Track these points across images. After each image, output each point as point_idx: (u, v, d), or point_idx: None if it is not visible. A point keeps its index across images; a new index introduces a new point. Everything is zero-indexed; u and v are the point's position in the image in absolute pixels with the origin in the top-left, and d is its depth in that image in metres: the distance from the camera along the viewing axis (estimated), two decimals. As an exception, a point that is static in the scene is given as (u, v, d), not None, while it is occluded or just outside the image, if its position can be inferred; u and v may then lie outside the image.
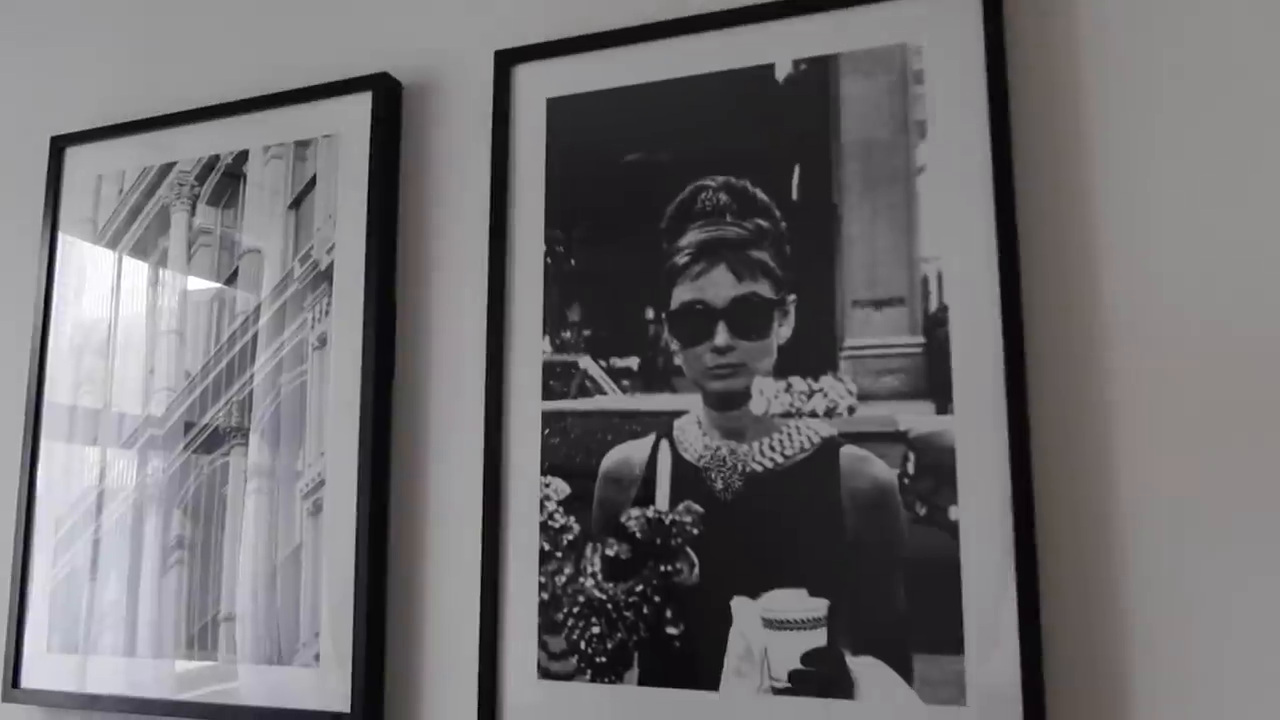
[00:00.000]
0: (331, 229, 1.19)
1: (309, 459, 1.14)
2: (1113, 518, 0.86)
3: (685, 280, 1.01)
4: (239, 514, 1.18)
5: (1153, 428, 0.86)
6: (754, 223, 0.99)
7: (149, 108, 1.37)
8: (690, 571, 0.97)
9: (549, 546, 1.02)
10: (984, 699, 0.85)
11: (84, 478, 1.29)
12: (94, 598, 1.25)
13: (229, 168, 1.27)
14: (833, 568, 0.91)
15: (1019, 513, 0.86)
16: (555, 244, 1.08)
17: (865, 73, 0.98)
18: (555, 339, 1.06)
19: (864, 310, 0.94)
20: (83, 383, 1.32)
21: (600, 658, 0.99)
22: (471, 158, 1.15)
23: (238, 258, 1.25)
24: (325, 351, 1.16)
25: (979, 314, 0.90)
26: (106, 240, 1.34)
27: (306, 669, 1.10)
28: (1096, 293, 0.89)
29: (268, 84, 1.28)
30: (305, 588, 1.12)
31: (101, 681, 1.21)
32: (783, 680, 0.92)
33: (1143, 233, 0.89)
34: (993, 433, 0.88)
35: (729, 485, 0.96)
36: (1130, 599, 0.85)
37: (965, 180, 0.92)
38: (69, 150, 1.39)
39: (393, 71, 1.21)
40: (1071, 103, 0.93)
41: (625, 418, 1.01)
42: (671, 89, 1.05)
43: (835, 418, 0.94)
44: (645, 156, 1.05)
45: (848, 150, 0.97)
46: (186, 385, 1.24)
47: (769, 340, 0.97)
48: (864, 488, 0.92)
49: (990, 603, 0.86)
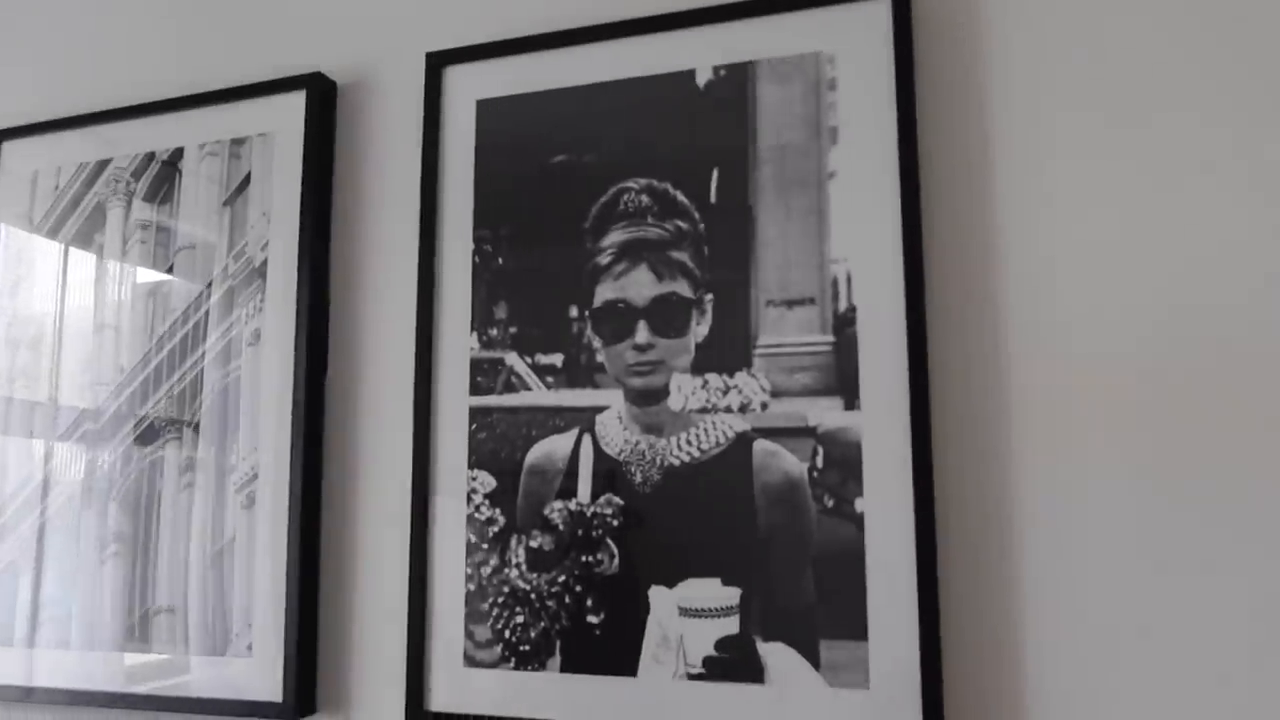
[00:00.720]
0: (266, 226, 1.20)
1: (243, 453, 1.16)
2: (1009, 511, 0.90)
3: (608, 279, 1.04)
4: (175, 507, 1.19)
5: (1048, 425, 0.90)
6: (674, 224, 1.02)
7: (86, 103, 1.37)
8: (610, 562, 1.00)
9: (475, 538, 1.05)
10: (885, 682, 0.89)
11: (20, 471, 1.30)
12: (32, 591, 1.26)
13: (165, 164, 1.28)
14: (745, 558, 0.95)
15: (920, 505, 0.90)
16: (483, 243, 1.10)
17: (781, 79, 1.01)
18: (483, 336, 1.08)
19: (777, 310, 0.98)
20: (18, 376, 1.32)
21: (524, 646, 1.02)
22: (403, 157, 1.17)
23: (174, 253, 1.26)
24: (259, 347, 1.18)
25: (885, 314, 0.94)
26: (43, 235, 1.35)
27: (240, 659, 1.12)
28: (997, 294, 0.93)
29: (204, 82, 1.29)
30: (239, 580, 1.14)
31: (39, 674, 1.22)
32: (697, 666, 0.95)
33: (1041, 236, 0.93)
34: (897, 428, 0.92)
35: (648, 479, 0.99)
36: (1024, 588, 0.89)
37: (874, 185, 0.96)
38: (5, 144, 1.39)
39: (327, 71, 1.23)
40: (976, 111, 0.96)
41: (549, 413, 1.04)
42: (597, 93, 1.08)
43: (749, 413, 0.97)
44: (571, 158, 1.08)
45: (764, 155, 1.00)
46: (123, 379, 1.26)
47: (687, 338, 1.00)
48: (775, 481, 0.95)
49: (892, 591, 0.90)
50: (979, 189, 0.95)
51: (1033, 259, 0.93)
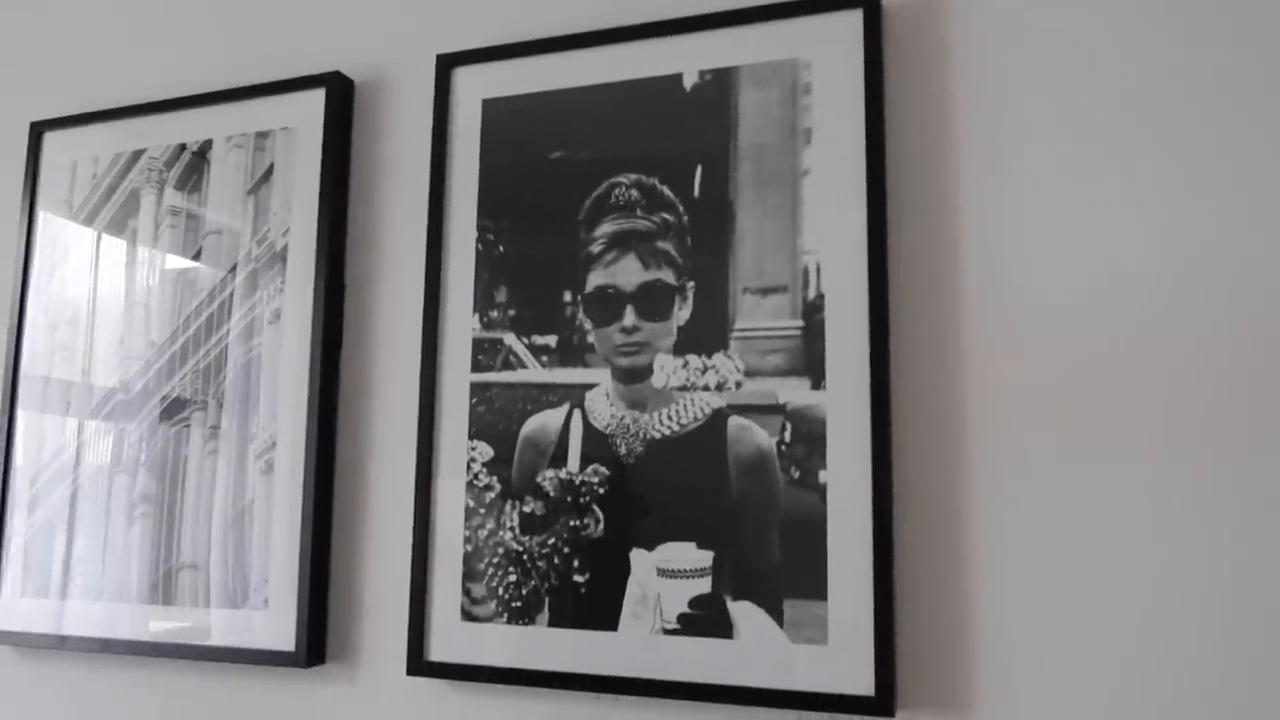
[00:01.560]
0: (287, 213, 1.30)
1: (262, 423, 1.26)
2: (961, 483, 0.98)
3: (599, 267, 1.12)
4: (199, 472, 1.29)
5: (1000, 405, 0.98)
6: (660, 216, 1.11)
7: (122, 97, 1.47)
8: (596, 526, 1.08)
9: (473, 503, 1.14)
10: (843, 638, 0.97)
11: (56, 441, 1.40)
12: (66, 548, 1.36)
13: (195, 155, 1.38)
14: (718, 524, 1.03)
15: (877, 477, 0.98)
16: (486, 232, 1.19)
17: (761, 84, 1.09)
18: (484, 317, 1.17)
19: (753, 296, 1.06)
20: (57, 352, 1.43)
21: (516, 603, 1.10)
22: (414, 151, 1.26)
23: (202, 238, 1.35)
24: (279, 325, 1.27)
25: (851, 301, 1.02)
26: (81, 221, 1.45)
27: (258, 612, 1.22)
28: (956, 284, 1.01)
29: (232, 78, 1.39)
30: (257, 539, 1.24)
31: (71, 624, 1.33)
32: (673, 622, 1.04)
33: (999, 231, 1.01)
34: (859, 406, 1.00)
35: (631, 450, 1.08)
36: (974, 554, 0.97)
37: (844, 182, 1.04)
38: (47, 135, 1.49)
39: (345, 71, 1.32)
40: (941, 115, 1.04)
41: (543, 389, 1.13)
42: (593, 94, 1.16)
43: (725, 391, 1.05)
44: (567, 154, 1.16)
45: (743, 153, 1.09)
46: (153, 354, 1.35)
47: (670, 322, 1.09)
48: (747, 453, 1.04)
49: (850, 556, 0.98)
50: (942, 187, 1.03)
51: (991, 251, 1.01)
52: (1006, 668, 0.95)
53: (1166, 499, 0.92)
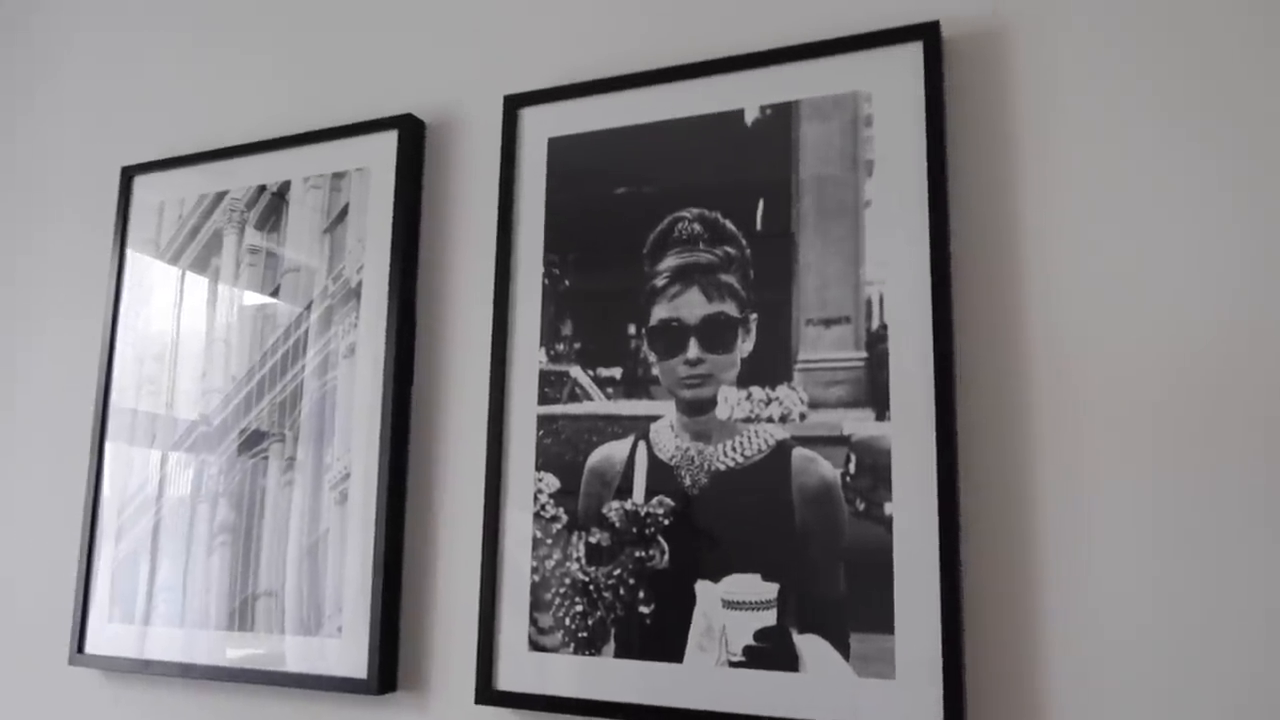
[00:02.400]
0: (361, 251, 1.34)
1: (337, 454, 1.30)
2: (1030, 514, 0.97)
3: (663, 300, 1.14)
4: (276, 503, 1.33)
5: (1068, 435, 0.97)
6: (723, 250, 1.12)
7: (206, 141, 1.54)
8: (661, 557, 1.09)
9: (540, 534, 1.16)
10: (910, 673, 0.96)
11: (142, 473, 1.46)
12: (150, 576, 1.41)
13: (274, 195, 1.44)
14: (783, 556, 1.03)
15: (944, 509, 0.97)
16: (552, 266, 1.21)
17: (822, 117, 1.10)
18: (550, 350, 1.20)
19: (815, 328, 1.06)
20: (143, 385, 1.49)
21: (582, 633, 1.11)
22: (483, 189, 1.30)
23: (280, 276, 1.41)
24: (353, 359, 1.31)
25: (915, 332, 1.02)
26: (167, 260, 1.52)
27: (331, 640, 1.25)
28: (1020, 313, 1.00)
29: (309, 122, 1.45)
30: (331, 568, 1.27)
31: (154, 649, 1.37)
32: (738, 654, 1.04)
33: (1063, 259, 1.00)
34: (924, 438, 0.99)
35: (696, 481, 1.09)
36: (1043, 587, 0.95)
37: (905, 213, 1.04)
38: (137, 178, 1.57)
39: (416, 112, 1.36)
40: (1002, 144, 1.04)
41: (608, 421, 1.15)
42: (656, 130, 1.19)
43: (788, 423, 1.06)
44: (631, 190, 1.18)
45: (805, 186, 1.09)
46: (233, 388, 1.41)
47: (734, 354, 1.09)
48: (811, 485, 1.04)
49: (918, 589, 0.97)
50: (1004, 216, 1.03)
51: (1055, 280, 1.00)
52: (1079, 705, 0.92)
53: (1248, 524, 0.89)
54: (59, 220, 1.68)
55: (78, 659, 1.43)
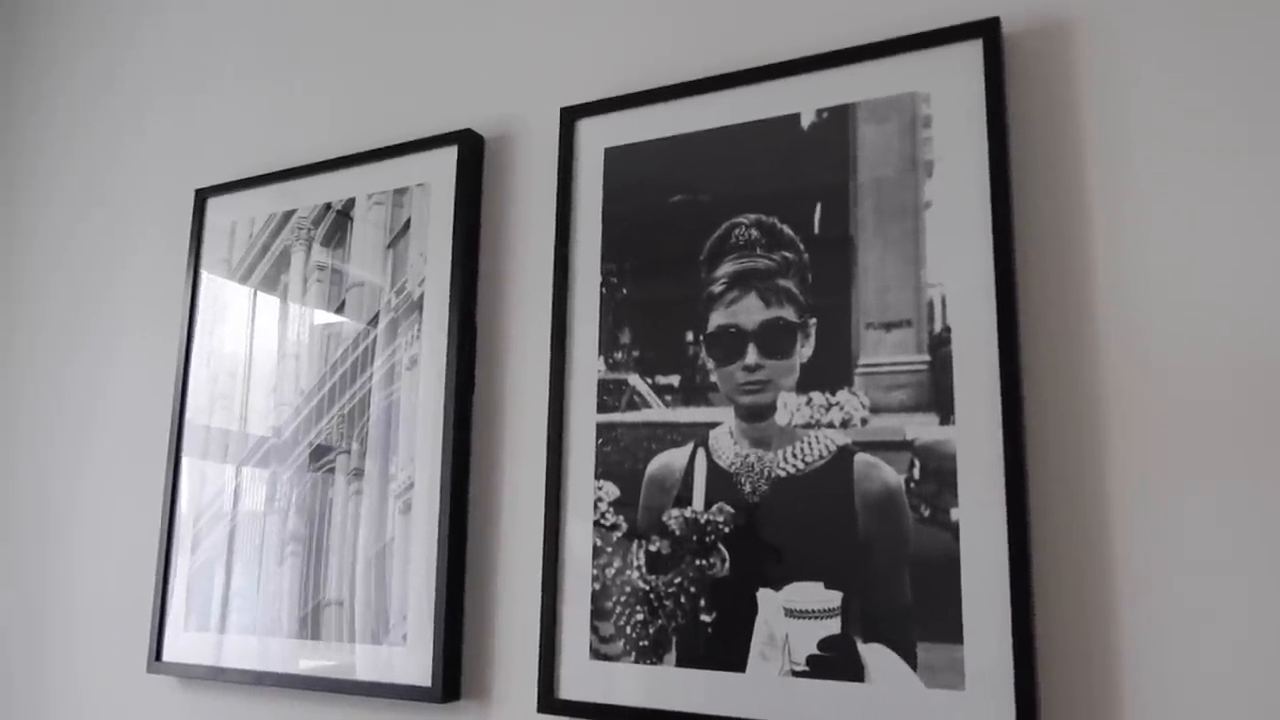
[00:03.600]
0: (423, 265, 1.36)
1: (401, 464, 1.31)
2: (1102, 520, 0.94)
3: (720, 306, 1.13)
4: (343, 513, 1.36)
5: (1141, 438, 0.94)
6: (780, 255, 1.11)
7: (275, 162, 1.59)
8: (722, 565, 1.08)
9: (600, 542, 1.16)
10: (981, 685, 0.94)
11: (215, 484, 1.50)
12: (224, 586, 1.45)
13: (339, 213, 1.47)
14: (846, 563, 1.01)
15: (1013, 515, 0.94)
16: (610, 275, 1.22)
17: (879, 119, 1.09)
18: (609, 359, 1.20)
19: (876, 332, 1.05)
20: (217, 401, 1.53)
21: (643, 641, 1.11)
22: (541, 200, 1.31)
23: (345, 290, 1.44)
24: (416, 371, 1.33)
25: (979, 334, 0.99)
26: (239, 278, 1.56)
27: (397, 648, 1.26)
28: (1088, 314, 0.98)
29: (371, 140, 1.48)
30: (396, 577, 1.28)
31: (227, 657, 1.41)
32: (801, 664, 1.02)
33: (1131, 258, 0.97)
34: (990, 442, 0.97)
35: (756, 488, 1.08)
36: (1118, 594, 0.92)
37: (967, 214, 1.02)
38: (210, 200, 1.62)
39: (475, 127, 1.38)
40: (1066, 142, 1.01)
41: (667, 428, 1.14)
42: (711, 137, 1.18)
43: (850, 428, 1.04)
44: (688, 197, 1.18)
45: (863, 188, 1.08)
46: (301, 401, 1.44)
47: (793, 359, 1.08)
48: (875, 491, 1.02)
49: (987, 597, 0.95)
50: (1069, 214, 1.00)
51: (1123, 279, 0.97)
52: (1160, 715, 0.89)
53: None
54: (137, 241, 1.74)
55: (155, 666, 1.47)
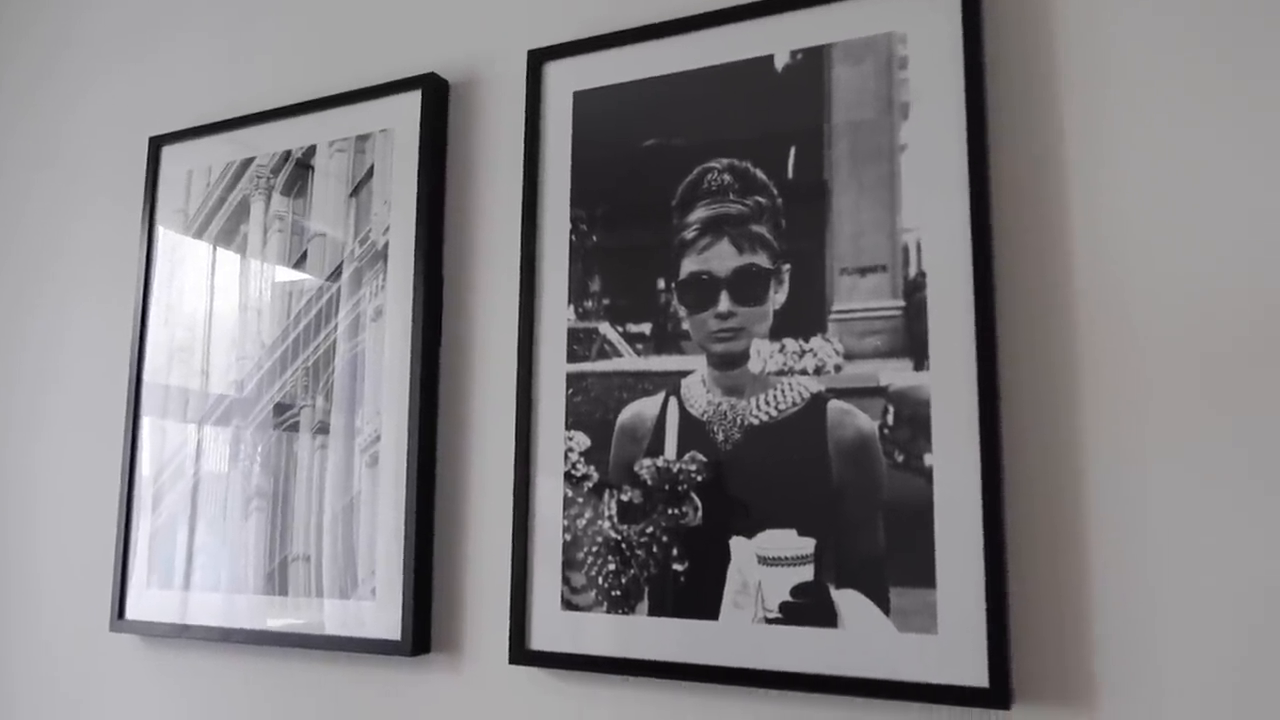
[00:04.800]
0: (387, 213, 1.33)
1: (366, 417, 1.29)
2: (1075, 463, 0.94)
3: (692, 253, 1.12)
4: (309, 467, 1.33)
5: (1114, 383, 0.93)
6: (754, 200, 1.09)
7: (232, 109, 1.53)
8: (694, 514, 1.07)
9: (571, 493, 1.14)
10: (953, 628, 0.94)
11: (176, 440, 1.46)
12: (188, 542, 1.42)
13: (299, 161, 1.43)
14: (819, 510, 1.01)
15: (987, 460, 0.94)
16: (579, 222, 1.19)
17: (855, 60, 1.06)
18: (578, 308, 1.18)
19: (850, 277, 1.03)
20: (176, 354, 1.49)
21: (615, 591, 1.10)
22: (508, 146, 1.28)
23: (307, 241, 1.40)
24: (381, 322, 1.30)
25: (954, 279, 0.98)
26: (195, 229, 1.51)
27: (366, 602, 1.25)
28: (1064, 258, 0.97)
29: (332, 85, 1.43)
30: (364, 531, 1.26)
31: (192, 613, 1.38)
32: (774, 611, 1.02)
33: (1107, 203, 0.96)
34: (965, 387, 0.96)
35: (729, 437, 1.07)
36: (1090, 538, 0.92)
37: (943, 157, 1.01)
38: (165, 149, 1.57)
39: (439, 71, 1.34)
40: (1044, 84, 1.00)
41: (639, 377, 1.13)
42: (683, 80, 1.16)
43: (823, 375, 1.03)
44: (659, 142, 1.16)
45: (838, 131, 1.06)
46: (263, 354, 1.40)
47: (766, 306, 1.07)
48: (848, 438, 1.01)
49: (960, 541, 0.95)
50: (1046, 158, 0.99)
51: (1099, 224, 0.96)
52: (1129, 657, 0.90)
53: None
54: (91, 192, 1.68)
55: (118, 625, 1.44)
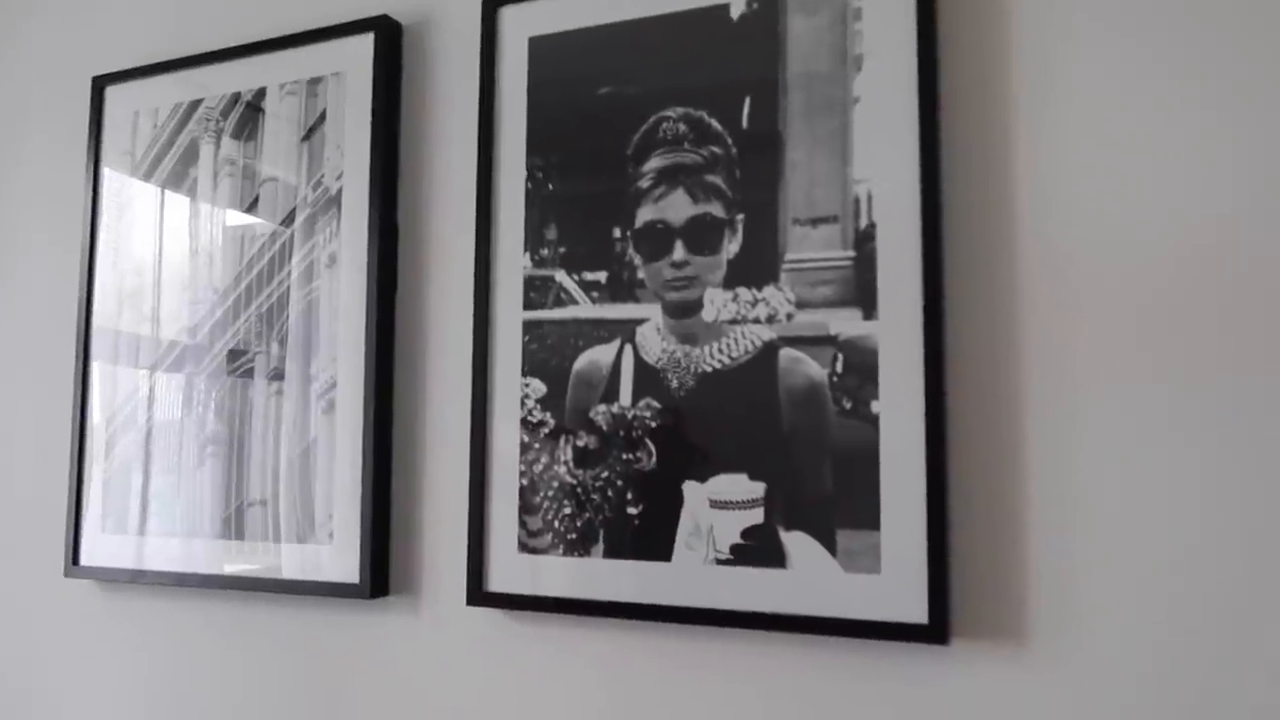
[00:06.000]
0: (340, 158, 1.31)
1: (322, 364, 1.29)
2: (1017, 412, 0.97)
3: (648, 202, 1.12)
4: (264, 413, 1.33)
5: (1057, 333, 0.97)
6: (709, 150, 1.10)
7: (179, 48, 1.50)
8: (649, 460, 1.10)
9: (528, 438, 1.16)
10: (896, 568, 0.98)
11: (128, 386, 1.45)
12: (142, 488, 1.42)
13: (249, 103, 1.40)
14: (770, 455, 1.04)
15: (931, 408, 0.97)
16: (535, 170, 1.19)
17: (810, 11, 1.07)
18: (535, 255, 1.18)
19: (803, 228, 1.05)
20: (124, 300, 1.47)
21: (571, 534, 1.13)
22: (462, 91, 1.27)
23: (258, 186, 1.38)
24: (335, 269, 1.30)
25: (903, 231, 1.01)
26: (143, 172, 1.48)
27: (323, 546, 1.26)
28: (1010, 213, 0.99)
29: (283, 26, 1.40)
30: (321, 476, 1.27)
31: (148, 558, 1.39)
32: (725, 552, 1.05)
33: (1054, 157, 0.98)
34: (911, 337, 0.99)
35: (683, 384, 1.09)
36: (1029, 484, 0.96)
37: (895, 110, 1.02)
38: (109, 89, 1.53)
39: (392, 14, 1.32)
40: (995, 38, 1.01)
41: (594, 325, 1.14)
42: (639, 27, 1.15)
43: (775, 324, 1.05)
44: (615, 90, 1.16)
45: (792, 83, 1.07)
46: (216, 300, 1.39)
47: (720, 255, 1.08)
48: (799, 385, 1.04)
49: (904, 486, 0.98)
50: (996, 112, 1.01)
51: (1046, 177, 0.98)
52: (1061, 596, 0.94)
53: (1225, 427, 0.90)
54: (29, 134, 1.64)
55: (73, 571, 1.44)
